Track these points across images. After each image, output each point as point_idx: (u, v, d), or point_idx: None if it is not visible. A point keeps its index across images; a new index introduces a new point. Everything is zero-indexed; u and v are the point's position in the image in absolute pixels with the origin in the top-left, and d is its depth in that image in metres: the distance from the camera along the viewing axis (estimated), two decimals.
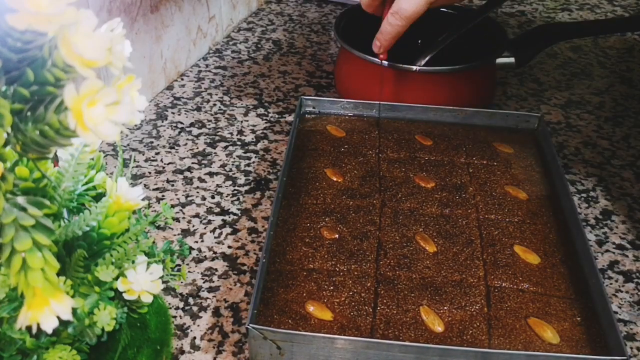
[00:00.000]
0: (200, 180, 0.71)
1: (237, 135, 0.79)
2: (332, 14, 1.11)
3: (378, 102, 0.74)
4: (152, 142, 0.77)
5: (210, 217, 0.66)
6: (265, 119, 0.82)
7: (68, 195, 0.38)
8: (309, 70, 0.93)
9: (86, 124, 0.27)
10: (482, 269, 0.55)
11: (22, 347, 0.36)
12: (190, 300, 0.57)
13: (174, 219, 0.65)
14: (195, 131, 0.79)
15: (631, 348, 0.54)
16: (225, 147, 0.77)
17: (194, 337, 0.54)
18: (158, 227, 0.64)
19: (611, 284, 0.60)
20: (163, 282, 0.40)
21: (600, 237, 0.65)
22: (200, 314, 0.56)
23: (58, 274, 0.30)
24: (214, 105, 0.85)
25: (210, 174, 0.72)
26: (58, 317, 0.29)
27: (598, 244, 0.64)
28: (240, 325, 0.55)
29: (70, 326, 0.36)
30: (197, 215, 0.66)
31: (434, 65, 0.76)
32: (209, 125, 0.81)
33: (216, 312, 0.56)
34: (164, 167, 0.73)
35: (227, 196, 0.69)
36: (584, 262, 0.56)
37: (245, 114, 0.83)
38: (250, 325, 0.48)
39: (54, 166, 0.39)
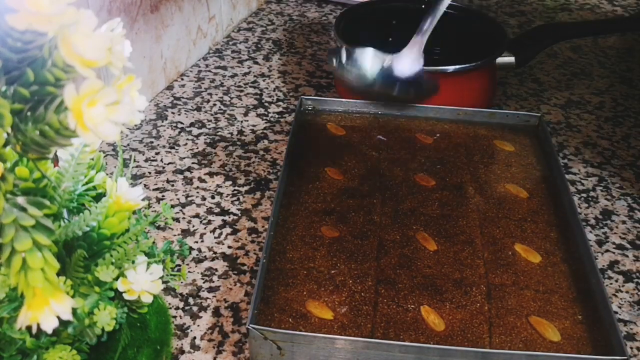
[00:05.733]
0: (200, 180, 0.71)
1: (237, 135, 0.79)
2: (332, 14, 1.11)
3: (378, 102, 0.74)
4: (152, 142, 0.77)
5: (210, 217, 0.66)
6: (265, 119, 0.82)
7: (68, 195, 0.38)
8: (309, 70, 0.93)
9: (86, 124, 0.27)
10: (482, 268, 0.55)
11: (22, 347, 0.36)
12: (190, 300, 0.57)
13: (174, 219, 0.65)
14: (195, 131, 0.79)
15: (631, 348, 0.54)
16: (225, 147, 0.77)
17: (194, 337, 0.54)
18: (158, 227, 0.64)
19: (611, 284, 0.60)
20: (163, 282, 0.40)
21: (600, 237, 0.65)
22: (200, 314, 0.56)
23: (58, 274, 0.30)
24: (214, 105, 0.85)
25: (210, 174, 0.72)
26: (58, 317, 0.29)
27: (598, 244, 0.64)
28: (241, 325, 0.55)
29: (70, 326, 0.36)
30: (197, 216, 0.66)
31: (435, 66, 0.76)
32: (209, 125, 0.81)
33: (216, 312, 0.56)
34: (164, 167, 0.73)
35: (227, 196, 0.69)
36: (584, 262, 0.56)
37: (245, 114, 0.83)
38: (251, 325, 0.48)
39: (54, 166, 0.39)
